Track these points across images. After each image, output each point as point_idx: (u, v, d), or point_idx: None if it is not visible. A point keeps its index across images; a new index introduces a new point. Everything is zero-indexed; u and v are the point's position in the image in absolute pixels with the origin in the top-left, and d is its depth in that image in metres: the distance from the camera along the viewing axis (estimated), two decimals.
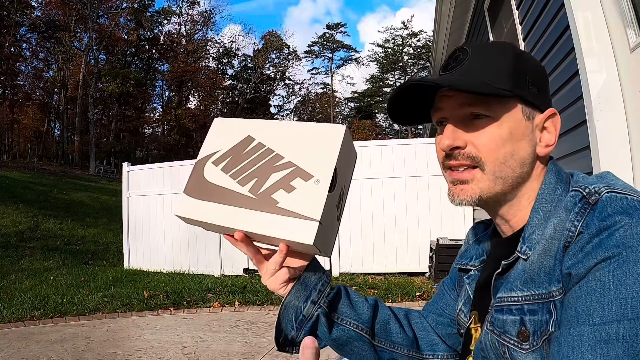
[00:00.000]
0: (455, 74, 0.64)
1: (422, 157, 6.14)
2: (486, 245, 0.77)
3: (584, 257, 0.51)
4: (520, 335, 0.57)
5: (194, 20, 45.47)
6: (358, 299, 0.77)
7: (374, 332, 0.76)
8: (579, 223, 0.53)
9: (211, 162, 0.68)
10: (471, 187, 0.63)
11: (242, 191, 0.64)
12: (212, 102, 45.19)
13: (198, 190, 0.67)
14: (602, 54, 1.85)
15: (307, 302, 0.70)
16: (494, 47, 0.67)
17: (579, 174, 0.65)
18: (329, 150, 0.63)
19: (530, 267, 0.58)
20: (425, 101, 0.70)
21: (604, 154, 1.79)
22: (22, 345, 3.66)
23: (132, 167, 7.77)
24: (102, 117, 39.66)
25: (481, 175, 0.63)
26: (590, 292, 0.49)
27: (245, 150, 0.67)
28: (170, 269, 7.12)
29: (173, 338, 3.78)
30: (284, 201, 0.61)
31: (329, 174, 0.62)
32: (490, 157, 0.62)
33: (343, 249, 6.25)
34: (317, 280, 0.72)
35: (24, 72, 35.36)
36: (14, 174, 17.90)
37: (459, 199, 0.64)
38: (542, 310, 0.56)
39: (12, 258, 7.95)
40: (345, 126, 0.66)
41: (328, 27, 51.08)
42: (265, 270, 0.69)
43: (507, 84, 0.61)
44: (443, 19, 5.31)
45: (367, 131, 42.66)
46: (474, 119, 0.63)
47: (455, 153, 0.64)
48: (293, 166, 0.63)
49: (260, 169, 0.64)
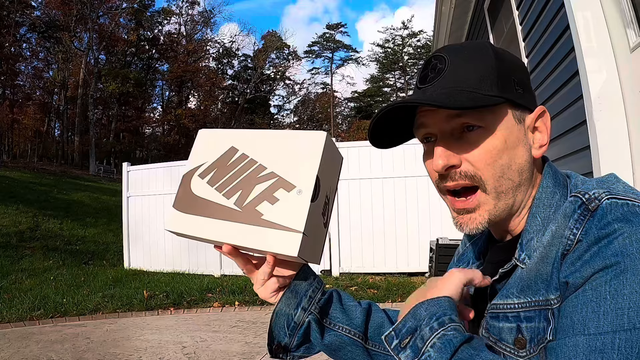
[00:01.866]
0: (437, 85, 0.60)
1: (422, 157, 6.14)
2: (483, 248, 0.75)
3: (582, 266, 0.50)
4: (517, 343, 0.56)
5: (194, 20, 45.51)
6: (350, 303, 0.77)
7: (367, 336, 0.76)
8: (578, 231, 0.52)
9: (197, 175, 0.69)
10: (479, 213, 0.61)
11: (228, 204, 0.64)
12: (212, 102, 45.16)
13: (186, 205, 0.67)
14: (602, 54, 1.85)
15: (297, 309, 0.70)
16: (472, 50, 0.62)
17: (577, 176, 0.63)
18: (310, 159, 0.63)
19: (527, 274, 0.57)
20: (405, 120, 0.66)
21: (604, 154, 1.78)
22: (22, 345, 3.66)
23: (132, 167, 7.78)
24: (102, 117, 39.65)
25: (485, 197, 0.60)
26: (586, 301, 0.48)
27: (230, 162, 0.67)
28: (170, 269, 7.12)
29: (173, 338, 3.78)
30: (268, 213, 0.61)
31: (310, 184, 0.61)
32: (488, 172, 0.59)
33: (343, 249, 6.25)
34: (307, 287, 0.71)
35: (24, 72, 35.39)
36: (14, 174, 17.90)
37: (468, 228, 0.62)
38: (539, 317, 0.54)
39: (12, 258, 7.94)
40: (326, 133, 0.65)
41: (328, 27, 51.11)
42: (256, 279, 0.70)
43: (494, 90, 0.58)
44: (443, 19, 5.31)
45: (367, 131, 42.54)
46: (465, 132, 0.60)
47: (452, 173, 0.61)
48: (276, 177, 0.63)
49: (245, 181, 0.65)
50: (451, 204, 0.64)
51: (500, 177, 0.59)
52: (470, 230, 0.62)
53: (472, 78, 0.59)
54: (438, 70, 0.61)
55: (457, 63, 0.60)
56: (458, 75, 0.59)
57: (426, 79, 0.62)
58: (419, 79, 0.64)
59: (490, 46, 0.62)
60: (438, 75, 0.61)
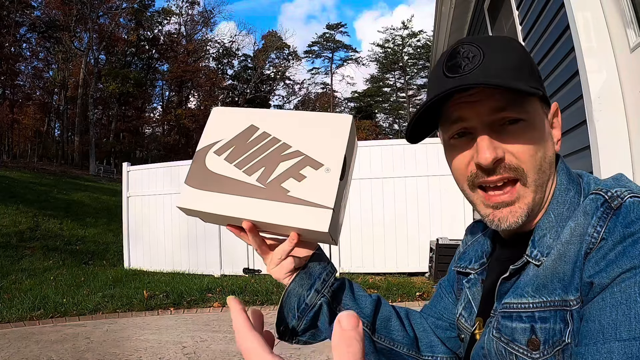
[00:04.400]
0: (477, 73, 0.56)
1: (422, 157, 6.14)
2: (486, 246, 0.74)
3: (607, 265, 0.48)
4: (530, 344, 0.55)
5: (194, 20, 45.51)
6: (361, 293, 0.76)
7: (374, 328, 0.75)
8: (602, 229, 0.51)
9: (213, 152, 0.66)
10: (519, 206, 0.59)
11: (250, 180, 0.62)
12: (212, 102, 45.13)
13: (200, 181, 0.64)
14: (602, 54, 1.85)
15: (310, 290, 0.69)
16: (500, 41, 0.60)
17: (589, 175, 0.62)
18: (337, 139, 0.63)
19: (543, 272, 0.55)
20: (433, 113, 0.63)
21: (604, 154, 1.79)
22: (22, 345, 3.66)
23: (132, 167, 7.77)
24: (102, 117, 39.65)
25: (524, 190, 0.58)
26: (615, 304, 0.46)
27: (250, 140, 0.65)
28: (170, 269, 7.12)
29: (173, 338, 3.78)
30: (295, 190, 0.60)
31: (339, 163, 0.61)
32: (531, 165, 0.58)
33: (343, 249, 6.25)
34: (321, 270, 0.71)
35: (24, 72, 35.40)
36: (14, 174, 17.90)
37: (507, 222, 0.59)
38: (555, 318, 0.53)
39: (12, 258, 7.94)
40: (352, 116, 0.65)
41: (328, 27, 51.11)
42: (271, 259, 0.68)
43: (532, 81, 0.57)
44: (443, 19, 5.31)
45: (367, 131, 42.64)
46: (506, 125, 0.58)
47: (497, 167, 0.58)
48: (302, 155, 0.62)
49: (267, 158, 0.63)
50: (485, 199, 0.61)
51: (539, 169, 0.58)
52: (509, 224, 0.59)
53: (510, 67, 0.57)
54: (473, 58, 0.57)
55: (491, 52, 0.57)
56: (497, 62, 0.56)
57: (460, 66, 0.58)
58: (449, 68, 0.59)
59: (516, 41, 0.61)
60: (475, 62, 0.57)
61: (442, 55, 0.63)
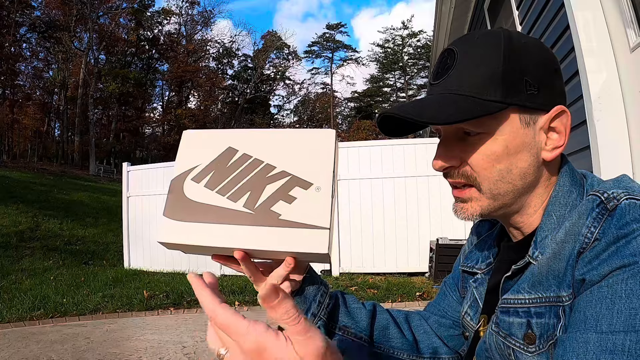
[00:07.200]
0: (442, 86, 0.60)
1: (422, 157, 6.14)
2: (492, 247, 0.74)
3: (600, 264, 0.49)
4: (527, 338, 0.56)
5: (193, 20, 45.53)
6: (355, 305, 0.77)
7: (372, 339, 0.76)
8: (596, 229, 0.51)
9: (191, 179, 0.61)
10: (471, 205, 0.62)
11: (236, 207, 0.58)
12: (212, 102, 45.20)
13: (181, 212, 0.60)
14: (602, 54, 1.85)
15: (307, 314, 0.69)
16: (483, 46, 0.59)
17: (593, 176, 0.63)
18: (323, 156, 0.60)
19: (539, 270, 0.57)
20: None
21: (604, 154, 1.78)
22: (22, 345, 3.66)
23: (132, 167, 7.77)
24: (102, 117, 39.67)
25: (478, 194, 0.61)
26: (601, 298, 0.48)
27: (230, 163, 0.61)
28: (170, 269, 7.12)
29: (173, 338, 3.78)
30: (286, 213, 0.57)
31: (329, 180, 0.58)
32: (485, 176, 0.59)
33: (343, 249, 6.25)
34: (315, 291, 0.71)
35: (24, 72, 35.46)
36: (14, 174, 17.90)
37: (461, 216, 0.64)
38: (550, 313, 0.54)
39: (12, 258, 7.94)
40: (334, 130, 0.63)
41: (328, 27, 51.13)
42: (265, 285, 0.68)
43: (497, 94, 0.56)
44: (443, 19, 5.31)
45: (367, 131, 42.63)
46: (467, 135, 0.60)
47: (451, 171, 0.63)
48: (288, 175, 0.59)
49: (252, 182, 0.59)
50: (452, 192, 0.66)
51: (497, 180, 0.59)
52: (463, 218, 0.64)
53: (475, 82, 0.58)
54: (446, 69, 0.61)
55: (464, 62, 0.59)
56: (463, 76, 0.59)
57: (436, 76, 0.62)
58: (433, 75, 0.64)
59: (504, 41, 0.59)
60: (445, 73, 0.60)
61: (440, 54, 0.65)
